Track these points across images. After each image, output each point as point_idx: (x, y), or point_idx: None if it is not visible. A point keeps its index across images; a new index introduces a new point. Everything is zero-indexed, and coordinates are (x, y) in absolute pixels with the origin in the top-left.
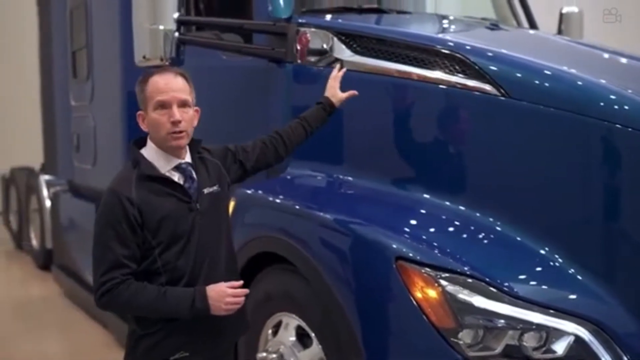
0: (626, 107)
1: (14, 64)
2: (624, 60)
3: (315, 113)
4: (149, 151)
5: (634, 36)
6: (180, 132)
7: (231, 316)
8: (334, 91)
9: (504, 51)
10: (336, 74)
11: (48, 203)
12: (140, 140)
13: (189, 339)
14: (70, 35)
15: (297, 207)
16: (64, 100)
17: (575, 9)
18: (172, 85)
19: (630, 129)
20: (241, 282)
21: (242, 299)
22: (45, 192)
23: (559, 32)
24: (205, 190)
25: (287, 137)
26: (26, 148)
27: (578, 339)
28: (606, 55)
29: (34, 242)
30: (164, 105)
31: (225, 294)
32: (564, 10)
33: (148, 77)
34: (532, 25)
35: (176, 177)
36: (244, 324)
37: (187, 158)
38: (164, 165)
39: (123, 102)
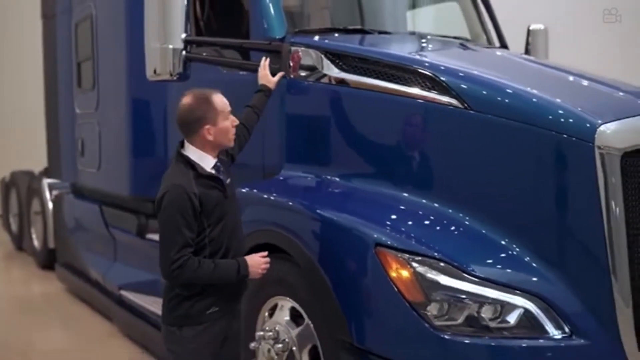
0: (571, 120)
1: (12, 76)
2: (583, 81)
3: (260, 99)
4: (195, 154)
5: (634, 36)
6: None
7: (244, 281)
8: (268, 77)
9: (468, 70)
10: (264, 64)
11: (50, 205)
12: (182, 143)
13: (218, 297)
14: (75, 47)
15: (291, 203)
16: (67, 108)
17: (541, 26)
18: (224, 99)
19: (574, 138)
20: (267, 252)
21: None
22: (47, 195)
23: (527, 46)
24: (227, 181)
25: (248, 124)
26: (22, 153)
27: (527, 312)
28: (562, 75)
29: (36, 243)
30: (227, 116)
31: (261, 262)
32: (531, 27)
33: (208, 98)
34: (502, 40)
35: (214, 172)
36: (246, 286)
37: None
38: (207, 165)
39: (128, 110)
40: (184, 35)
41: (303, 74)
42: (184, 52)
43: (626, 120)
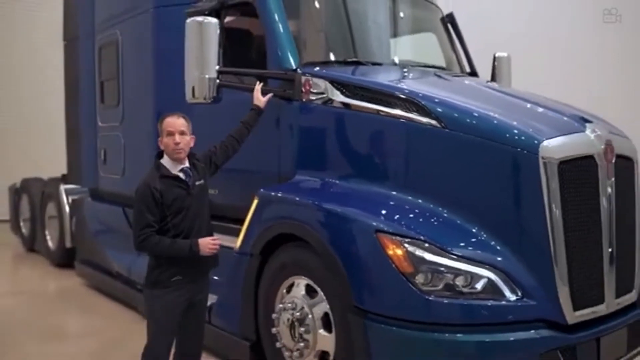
0: (523, 137)
1: (11, 88)
2: (535, 107)
3: (251, 117)
4: (165, 160)
5: (634, 36)
6: (179, 150)
7: (204, 257)
8: (260, 98)
9: (443, 97)
10: (258, 88)
11: (67, 208)
12: (159, 153)
13: (181, 268)
14: (98, 68)
15: (307, 200)
16: (88, 122)
17: (505, 54)
18: (175, 122)
19: (525, 151)
20: (217, 237)
21: (218, 246)
22: (65, 199)
23: (493, 70)
24: (197, 183)
25: (238, 137)
26: (23, 160)
27: (490, 281)
28: (518, 101)
29: (50, 244)
30: (170, 134)
31: (209, 242)
32: (497, 55)
33: (164, 118)
34: (472, 67)
35: (181, 175)
36: (214, 262)
37: (186, 164)
38: (173, 168)
39: (153, 123)
40: (217, 67)
41: (312, 98)
42: (217, 80)
43: (563, 137)
